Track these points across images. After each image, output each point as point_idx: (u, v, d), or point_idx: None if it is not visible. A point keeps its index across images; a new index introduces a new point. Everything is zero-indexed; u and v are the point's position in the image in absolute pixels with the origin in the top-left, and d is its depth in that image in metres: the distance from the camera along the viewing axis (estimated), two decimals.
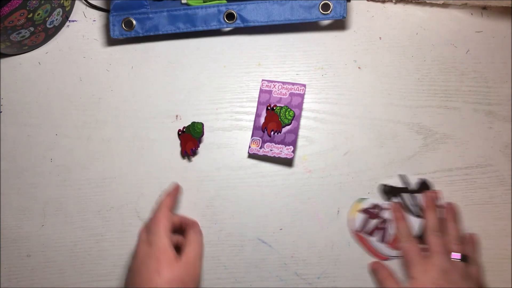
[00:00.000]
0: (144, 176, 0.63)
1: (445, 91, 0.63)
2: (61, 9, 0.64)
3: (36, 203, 0.64)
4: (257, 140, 0.62)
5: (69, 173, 0.64)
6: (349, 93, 0.64)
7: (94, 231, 0.63)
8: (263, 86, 0.63)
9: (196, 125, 0.63)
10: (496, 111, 0.63)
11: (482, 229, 0.60)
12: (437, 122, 0.63)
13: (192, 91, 0.65)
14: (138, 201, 0.63)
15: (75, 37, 0.67)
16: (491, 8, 0.65)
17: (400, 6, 0.66)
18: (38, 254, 0.63)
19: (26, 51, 0.66)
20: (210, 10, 0.63)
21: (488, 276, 0.58)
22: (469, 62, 0.64)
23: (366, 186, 0.62)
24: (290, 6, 0.62)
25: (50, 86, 0.66)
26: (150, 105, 0.65)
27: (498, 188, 0.61)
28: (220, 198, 0.62)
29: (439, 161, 0.62)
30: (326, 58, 0.65)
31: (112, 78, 0.66)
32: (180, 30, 0.64)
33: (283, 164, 0.62)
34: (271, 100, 0.63)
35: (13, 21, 0.58)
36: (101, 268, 0.62)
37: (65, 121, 0.65)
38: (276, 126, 0.62)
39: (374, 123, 0.63)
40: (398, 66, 0.64)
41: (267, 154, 0.61)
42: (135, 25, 0.64)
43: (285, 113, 0.61)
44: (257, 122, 0.63)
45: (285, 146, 0.61)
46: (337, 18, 0.62)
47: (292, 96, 0.63)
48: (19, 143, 0.65)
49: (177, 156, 0.64)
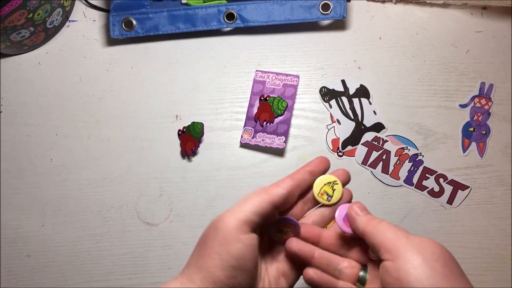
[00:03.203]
0: (144, 176, 0.63)
1: (445, 91, 0.63)
2: (61, 9, 0.64)
3: (36, 203, 0.64)
4: (250, 130, 0.62)
5: (69, 173, 0.64)
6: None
7: (94, 231, 0.63)
8: (257, 76, 0.64)
9: (196, 125, 0.63)
10: (496, 111, 0.63)
11: (482, 229, 0.60)
12: (437, 122, 0.63)
13: (192, 91, 0.65)
14: (138, 201, 0.63)
15: (75, 37, 0.67)
16: (491, 8, 0.65)
17: (400, 6, 0.66)
18: (38, 254, 0.63)
19: (26, 51, 0.66)
20: (210, 10, 0.63)
21: (488, 276, 0.58)
22: (469, 62, 0.64)
23: (365, 186, 0.62)
24: (290, 6, 0.62)
25: (50, 86, 0.66)
26: (150, 105, 0.65)
27: (498, 188, 0.61)
28: (220, 198, 0.62)
29: (439, 161, 0.62)
30: (326, 58, 0.65)
31: (112, 78, 0.66)
32: (180, 30, 0.64)
33: (283, 164, 0.62)
34: (265, 90, 0.63)
35: (13, 21, 0.58)
36: (101, 268, 0.62)
37: (65, 121, 0.65)
38: (268, 116, 0.62)
39: None
40: (398, 66, 0.64)
41: (259, 144, 0.62)
42: (135, 25, 0.64)
43: (278, 104, 0.62)
44: (250, 112, 0.63)
45: (277, 136, 0.61)
46: (337, 18, 0.62)
47: (285, 87, 0.63)
48: (19, 143, 0.65)
49: (177, 156, 0.64)
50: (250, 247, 0.37)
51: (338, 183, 0.43)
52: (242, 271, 0.36)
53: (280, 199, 0.39)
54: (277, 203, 0.39)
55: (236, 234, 0.36)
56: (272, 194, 0.39)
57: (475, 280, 0.60)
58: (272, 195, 0.39)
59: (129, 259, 0.62)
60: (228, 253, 0.36)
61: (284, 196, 0.40)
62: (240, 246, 0.36)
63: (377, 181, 0.62)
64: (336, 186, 0.43)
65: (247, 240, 0.37)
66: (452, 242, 0.61)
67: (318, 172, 0.43)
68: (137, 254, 0.63)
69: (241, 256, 0.36)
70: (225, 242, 0.36)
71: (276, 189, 0.40)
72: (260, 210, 0.38)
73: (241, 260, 0.36)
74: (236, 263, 0.36)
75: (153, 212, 0.63)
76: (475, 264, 0.60)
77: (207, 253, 0.37)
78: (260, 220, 0.38)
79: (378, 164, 0.62)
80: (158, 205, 0.63)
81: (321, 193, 0.43)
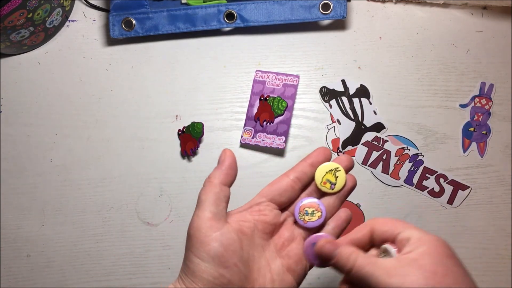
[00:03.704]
0: (144, 176, 0.63)
1: (445, 91, 0.63)
2: (61, 9, 0.64)
3: (36, 203, 0.64)
4: (250, 130, 0.62)
5: (69, 173, 0.64)
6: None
7: (94, 231, 0.63)
8: (257, 76, 0.64)
9: (196, 125, 0.63)
10: (496, 111, 0.63)
11: (482, 229, 0.60)
12: (437, 122, 0.63)
13: (192, 91, 0.65)
14: (138, 201, 0.63)
15: (75, 37, 0.67)
16: (491, 8, 0.65)
17: (400, 6, 0.66)
18: (38, 254, 0.63)
19: (26, 51, 0.66)
20: (210, 10, 0.63)
21: (488, 276, 0.58)
22: (469, 62, 0.64)
23: (365, 186, 0.62)
24: (290, 6, 0.62)
25: (50, 86, 0.66)
26: (150, 105, 0.65)
27: (498, 188, 0.61)
28: None
29: (439, 161, 0.62)
30: (326, 58, 0.65)
31: (112, 78, 0.66)
32: (180, 30, 0.64)
33: (283, 164, 0.62)
34: (265, 90, 0.63)
35: (12, 21, 0.58)
36: (101, 268, 0.62)
37: (65, 121, 0.65)
38: (268, 116, 0.62)
39: None
40: (398, 66, 0.64)
41: (259, 144, 0.62)
42: (135, 25, 0.64)
43: (278, 104, 0.62)
44: (250, 112, 0.63)
45: (277, 136, 0.61)
46: (337, 18, 0.62)
47: (285, 87, 0.63)
48: (19, 143, 0.65)
49: (177, 156, 0.64)
50: (227, 241, 0.37)
51: (341, 169, 0.41)
52: (227, 268, 0.36)
53: (229, 172, 0.40)
54: (229, 180, 0.40)
55: (209, 234, 0.37)
56: (218, 177, 0.40)
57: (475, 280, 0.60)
58: (219, 177, 0.39)
59: (129, 259, 0.62)
60: (207, 255, 0.36)
61: (229, 167, 0.40)
62: (216, 244, 0.36)
63: (377, 181, 0.62)
64: (339, 173, 0.41)
65: (221, 236, 0.37)
66: (452, 242, 0.61)
67: (318, 163, 0.42)
68: (137, 254, 0.63)
69: (220, 253, 0.36)
70: (201, 245, 0.37)
71: (218, 169, 0.40)
72: (216, 198, 0.39)
73: (222, 257, 0.36)
74: (218, 262, 0.36)
75: (153, 212, 0.63)
76: (475, 264, 0.60)
77: (189, 260, 0.37)
78: (224, 205, 0.39)
79: (378, 164, 0.62)
80: (158, 205, 0.63)
81: (323, 182, 0.41)
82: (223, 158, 0.41)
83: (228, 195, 0.40)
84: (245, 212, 0.41)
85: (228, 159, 0.41)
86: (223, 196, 0.39)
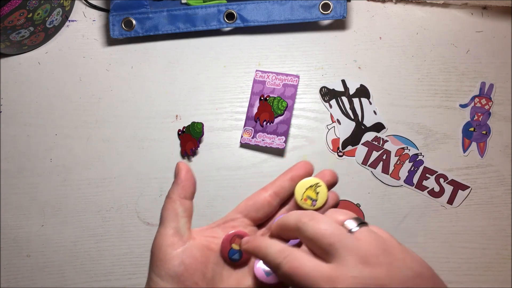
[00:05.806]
0: (144, 176, 0.63)
1: (445, 91, 0.63)
2: (61, 9, 0.64)
3: (36, 203, 0.64)
4: (250, 130, 0.62)
5: (69, 173, 0.64)
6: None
7: (94, 231, 0.63)
8: (257, 76, 0.64)
9: (196, 125, 0.63)
10: (496, 111, 0.63)
11: (482, 229, 0.60)
12: (437, 122, 0.63)
13: (192, 91, 0.65)
14: (138, 201, 0.63)
15: (75, 37, 0.67)
16: (491, 8, 0.65)
17: (400, 6, 0.66)
18: (38, 254, 0.63)
19: (25, 51, 0.66)
20: (210, 10, 0.63)
21: (488, 276, 0.58)
22: (469, 62, 0.64)
23: (365, 186, 0.62)
24: (290, 6, 0.62)
25: (50, 86, 0.66)
26: (150, 105, 0.65)
27: (498, 188, 0.61)
28: (220, 198, 0.62)
29: (439, 161, 0.62)
30: (326, 58, 0.65)
31: (112, 78, 0.66)
32: (180, 30, 0.64)
33: (283, 164, 0.62)
34: (265, 90, 0.63)
35: (12, 21, 0.58)
36: (101, 268, 0.62)
37: (65, 121, 0.65)
38: (268, 116, 0.62)
39: None
40: (398, 66, 0.64)
41: (259, 144, 0.62)
42: (135, 25, 0.64)
43: (278, 104, 0.62)
44: (250, 112, 0.63)
45: (277, 136, 0.61)
46: (337, 18, 0.62)
47: (285, 87, 0.63)
48: (19, 143, 0.65)
49: (177, 156, 0.64)
50: (189, 259, 0.36)
51: (321, 185, 0.39)
52: (186, 287, 0.36)
53: (186, 184, 0.38)
54: (187, 192, 0.38)
55: (169, 251, 0.36)
56: (176, 191, 0.38)
57: (475, 280, 0.60)
58: (176, 192, 0.38)
59: (129, 259, 0.62)
60: (166, 274, 0.36)
61: (184, 179, 0.38)
62: (176, 263, 0.36)
63: (377, 181, 0.62)
64: (319, 189, 0.39)
65: (183, 254, 0.36)
66: (452, 242, 0.61)
67: (298, 177, 0.40)
68: (137, 254, 0.63)
69: (179, 272, 0.36)
70: (161, 263, 0.36)
71: (174, 184, 0.38)
72: (176, 213, 0.37)
73: (181, 276, 0.36)
74: (177, 281, 0.35)
75: (153, 212, 0.63)
76: (475, 264, 0.60)
77: (150, 278, 0.36)
78: (186, 220, 0.38)
79: (378, 164, 0.62)
80: (158, 205, 0.63)
81: (304, 199, 0.39)
82: (177, 172, 0.39)
83: (189, 208, 0.38)
84: (216, 228, 0.40)
85: (182, 172, 0.39)
86: (183, 210, 0.38)
